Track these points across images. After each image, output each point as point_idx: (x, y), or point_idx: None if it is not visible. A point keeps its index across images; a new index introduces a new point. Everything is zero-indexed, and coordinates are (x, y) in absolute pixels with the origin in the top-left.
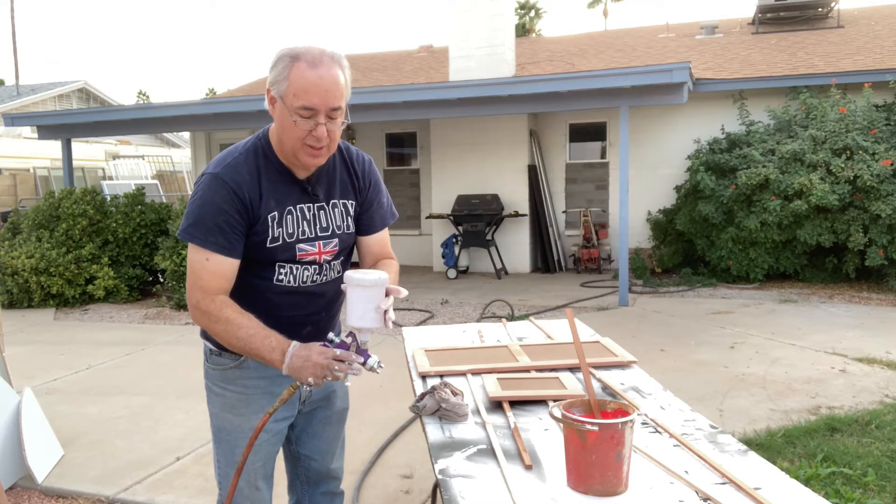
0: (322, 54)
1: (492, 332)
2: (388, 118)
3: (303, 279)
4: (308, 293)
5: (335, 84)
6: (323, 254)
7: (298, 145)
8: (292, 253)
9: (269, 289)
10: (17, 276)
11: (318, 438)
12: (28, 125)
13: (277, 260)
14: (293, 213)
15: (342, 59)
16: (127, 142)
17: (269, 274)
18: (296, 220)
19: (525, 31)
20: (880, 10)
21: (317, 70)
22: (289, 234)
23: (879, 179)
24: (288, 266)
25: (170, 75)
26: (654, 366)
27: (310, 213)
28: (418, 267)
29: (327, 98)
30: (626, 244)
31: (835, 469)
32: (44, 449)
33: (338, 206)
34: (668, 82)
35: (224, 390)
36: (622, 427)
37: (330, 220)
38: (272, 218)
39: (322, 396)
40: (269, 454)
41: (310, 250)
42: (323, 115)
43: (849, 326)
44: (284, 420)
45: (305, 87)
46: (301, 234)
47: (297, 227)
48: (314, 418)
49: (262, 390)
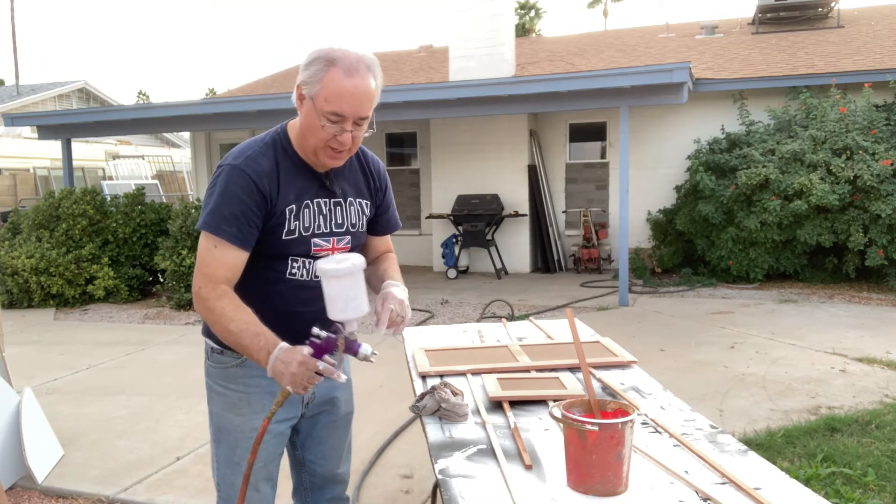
0: (359, 62)
1: (492, 332)
2: (388, 118)
3: (315, 274)
4: (320, 289)
5: (367, 94)
6: (336, 250)
7: (321, 146)
8: (307, 247)
9: (282, 283)
10: (17, 276)
11: (322, 444)
12: (28, 125)
13: (291, 254)
14: (311, 207)
15: (376, 68)
16: (127, 142)
17: (283, 267)
18: (313, 214)
19: (525, 31)
20: (880, 10)
21: (352, 79)
22: (305, 227)
23: (879, 179)
24: (301, 260)
25: (170, 75)
26: (654, 366)
27: (326, 207)
28: (418, 267)
29: (358, 108)
30: (626, 244)
31: (835, 469)
32: (44, 449)
33: (354, 204)
34: (668, 82)
35: (225, 389)
36: (622, 427)
37: (346, 216)
38: (290, 211)
39: (326, 400)
40: (270, 455)
41: (324, 245)
42: (351, 122)
43: (849, 326)
44: (286, 421)
45: (339, 95)
46: (317, 229)
47: (314, 221)
48: (318, 423)
49: (264, 389)
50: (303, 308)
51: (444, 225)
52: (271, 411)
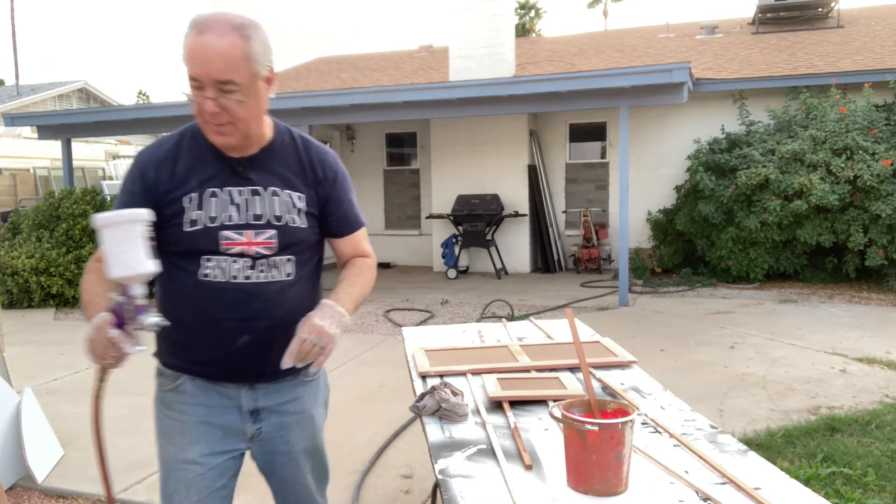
0: (215, 20)
1: (492, 332)
2: (388, 118)
3: (232, 274)
4: (241, 291)
5: (219, 53)
6: (253, 244)
7: (201, 120)
8: (215, 240)
9: (196, 285)
10: (17, 276)
11: (286, 480)
12: (28, 125)
13: (201, 250)
14: (218, 195)
15: (248, 29)
16: (127, 142)
17: (194, 267)
18: (221, 203)
19: (525, 31)
20: (880, 10)
21: (202, 36)
22: (211, 218)
23: (879, 179)
24: (215, 259)
25: (170, 75)
26: (654, 366)
27: (241, 197)
28: (418, 267)
29: (209, 68)
30: (626, 244)
31: (835, 469)
32: (44, 449)
33: (279, 195)
34: (668, 82)
35: (163, 414)
36: (622, 427)
37: (267, 208)
38: (189, 199)
39: (276, 435)
40: (204, 490)
41: (237, 239)
42: (211, 88)
43: (849, 326)
44: (222, 455)
45: (191, 55)
46: (227, 220)
47: (223, 211)
48: (276, 461)
49: (200, 420)
50: (222, 315)
51: (444, 225)
52: (94, 388)
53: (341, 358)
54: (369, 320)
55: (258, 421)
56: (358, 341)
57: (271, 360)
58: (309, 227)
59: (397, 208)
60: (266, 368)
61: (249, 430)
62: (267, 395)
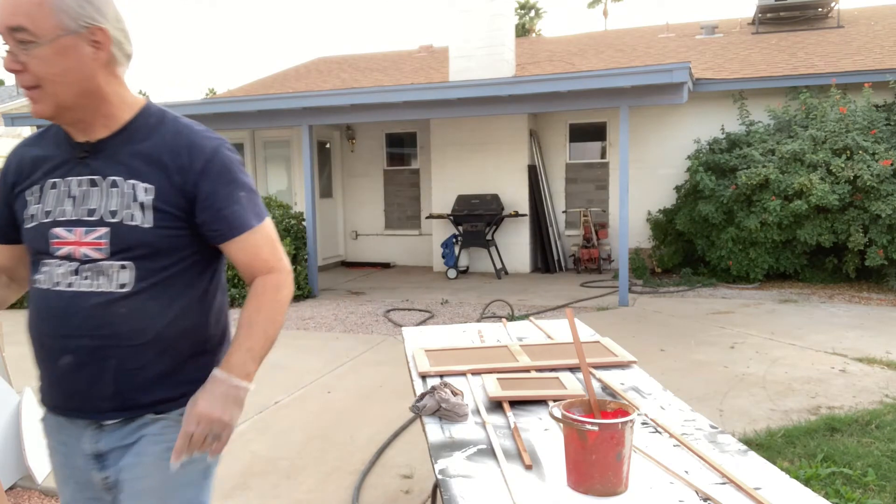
0: None
1: (492, 332)
2: (388, 118)
3: (55, 280)
4: (61, 302)
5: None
6: (82, 245)
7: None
8: (45, 239)
9: (32, 294)
10: None
11: None
12: (28, 125)
13: (34, 250)
14: (59, 186)
15: None
16: None
17: (33, 272)
18: (59, 195)
19: (525, 31)
20: (880, 10)
21: None
22: (45, 212)
23: (879, 179)
24: (47, 262)
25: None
26: (654, 366)
27: (80, 188)
28: (418, 267)
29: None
30: (626, 244)
31: (835, 469)
32: (44, 449)
33: (120, 185)
34: (668, 82)
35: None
36: (622, 427)
37: (102, 201)
38: (31, 192)
39: (117, 484)
40: None
41: (66, 238)
42: (7, 36)
43: (849, 326)
44: (93, 502)
45: None
46: (60, 215)
47: (58, 205)
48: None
49: (62, 462)
50: (41, 329)
51: (444, 225)
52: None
53: (341, 358)
54: (369, 320)
55: (104, 468)
56: (358, 341)
57: (106, 391)
58: (157, 227)
59: (397, 208)
60: (101, 403)
61: (96, 478)
62: (111, 436)
